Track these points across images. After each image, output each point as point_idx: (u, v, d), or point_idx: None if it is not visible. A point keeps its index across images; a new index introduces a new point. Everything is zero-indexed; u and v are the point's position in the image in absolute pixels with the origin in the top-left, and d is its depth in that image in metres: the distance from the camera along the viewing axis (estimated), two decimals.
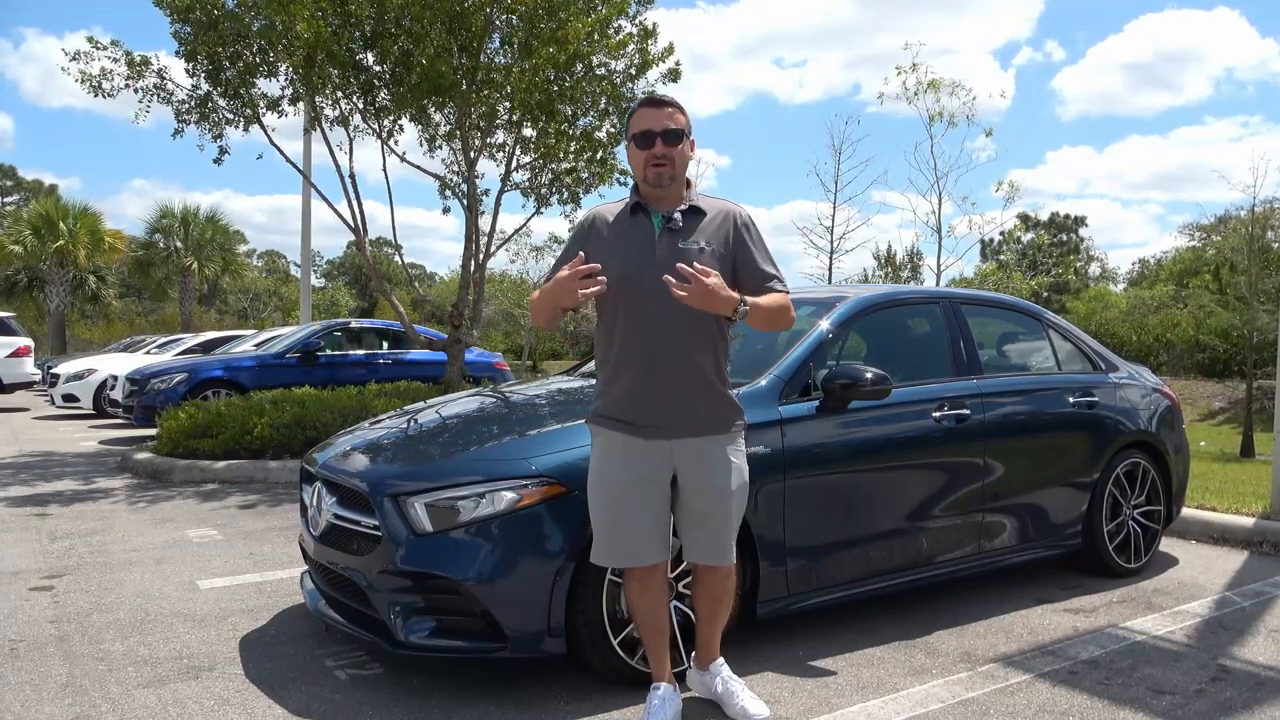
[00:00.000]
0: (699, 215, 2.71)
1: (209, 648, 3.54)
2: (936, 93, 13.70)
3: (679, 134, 2.65)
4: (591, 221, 2.80)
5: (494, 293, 28.18)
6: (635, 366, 2.67)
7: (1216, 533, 5.53)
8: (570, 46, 8.61)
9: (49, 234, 27.91)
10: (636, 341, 2.66)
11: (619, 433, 2.72)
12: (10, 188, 54.59)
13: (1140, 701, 3.10)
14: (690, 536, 2.80)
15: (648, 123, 2.65)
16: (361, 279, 55.91)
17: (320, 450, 3.83)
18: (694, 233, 2.68)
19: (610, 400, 2.74)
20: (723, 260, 2.68)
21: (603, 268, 2.58)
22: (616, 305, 2.69)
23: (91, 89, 8.84)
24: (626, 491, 2.71)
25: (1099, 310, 31.54)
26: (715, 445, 2.73)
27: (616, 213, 2.77)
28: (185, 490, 7.25)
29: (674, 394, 2.67)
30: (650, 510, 2.72)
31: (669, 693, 2.82)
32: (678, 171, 2.68)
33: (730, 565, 2.84)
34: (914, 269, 25.90)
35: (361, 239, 9.82)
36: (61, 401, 14.54)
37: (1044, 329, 4.93)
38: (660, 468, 2.71)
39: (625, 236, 2.71)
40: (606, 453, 2.76)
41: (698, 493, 2.73)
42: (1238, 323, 20.03)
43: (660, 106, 2.66)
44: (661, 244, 2.66)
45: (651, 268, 2.62)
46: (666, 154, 2.64)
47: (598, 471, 2.78)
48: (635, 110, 2.71)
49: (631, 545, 2.73)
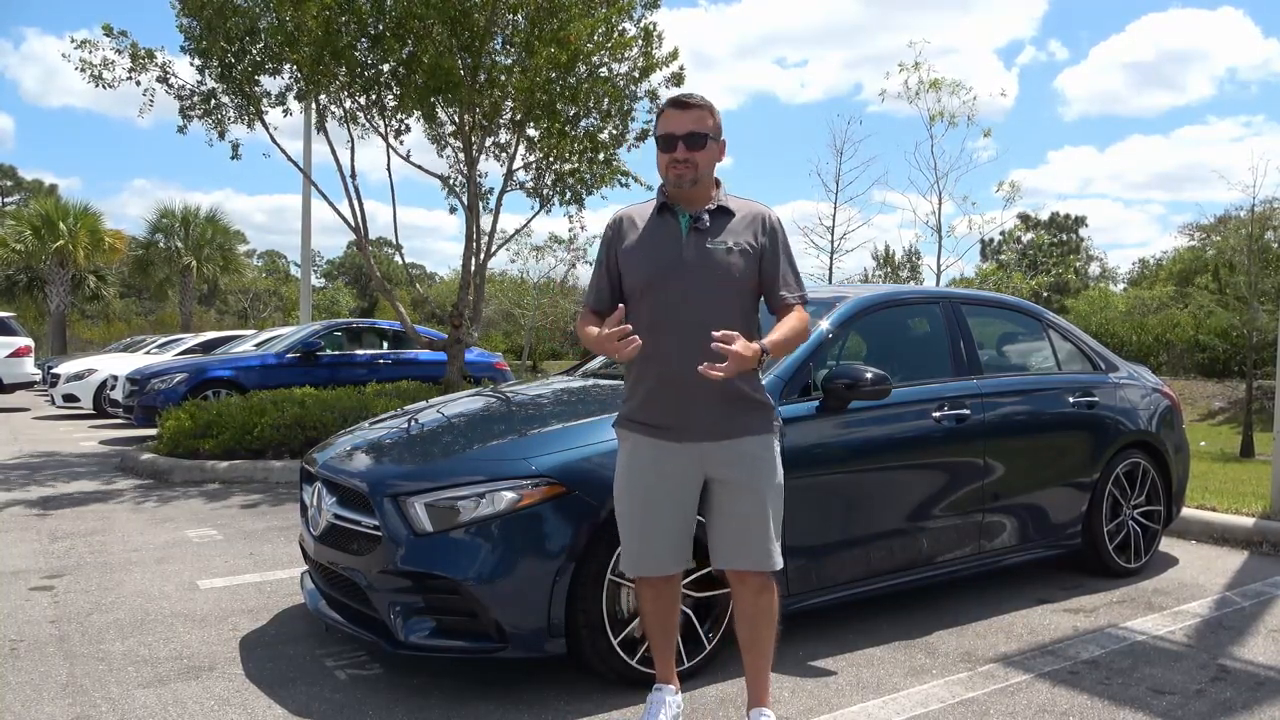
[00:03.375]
0: (727, 215, 2.66)
1: (209, 648, 3.54)
2: (937, 92, 13.71)
3: (703, 137, 2.59)
4: (619, 222, 2.75)
5: (494, 293, 28.16)
6: (663, 368, 2.60)
7: (1216, 533, 5.53)
8: (572, 47, 8.61)
9: (49, 234, 27.89)
10: (664, 343, 2.57)
11: (648, 436, 2.65)
12: (10, 188, 54.57)
13: (1140, 701, 3.11)
14: (727, 542, 2.64)
15: (671, 125, 2.59)
16: (361, 279, 55.91)
17: (320, 450, 3.83)
18: (722, 232, 2.63)
19: (638, 403, 2.68)
20: (749, 260, 2.63)
21: (629, 268, 2.64)
22: (643, 307, 2.63)
23: (92, 78, 8.83)
24: (654, 496, 2.64)
25: (1099, 310, 31.54)
26: (749, 446, 2.63)
27: (644, 212, 2.72)
28: (185, 490, 7.25)
29: (703, 396, 2.58)
30: (677, 517, 2.65)
31: (670, 694, 2.80)
32: (700, 174, 2.61)
33: (769, 571, 2.64)
34: (913, 269, 25.90)
35: (362, 239, 9.82)
36: (62, 401, 14.54)
37: (1044, 329, 4.93)
38: (691, 472, 2.63)
39: (652, 237, 2.66)
40: (634, 457, 2.68)
41: (734, 496, 2.62)
42: (1237, 323, 20.04)
43: (686, 109, 2.60)
44: (689, 244, 2.62)
45: (679, 268, 2.59)
46: (689, 158, 2.58)
47: (624, 476, 2.70)
48: (662, 111, 2.65)
49: (655, 553, 2.66)
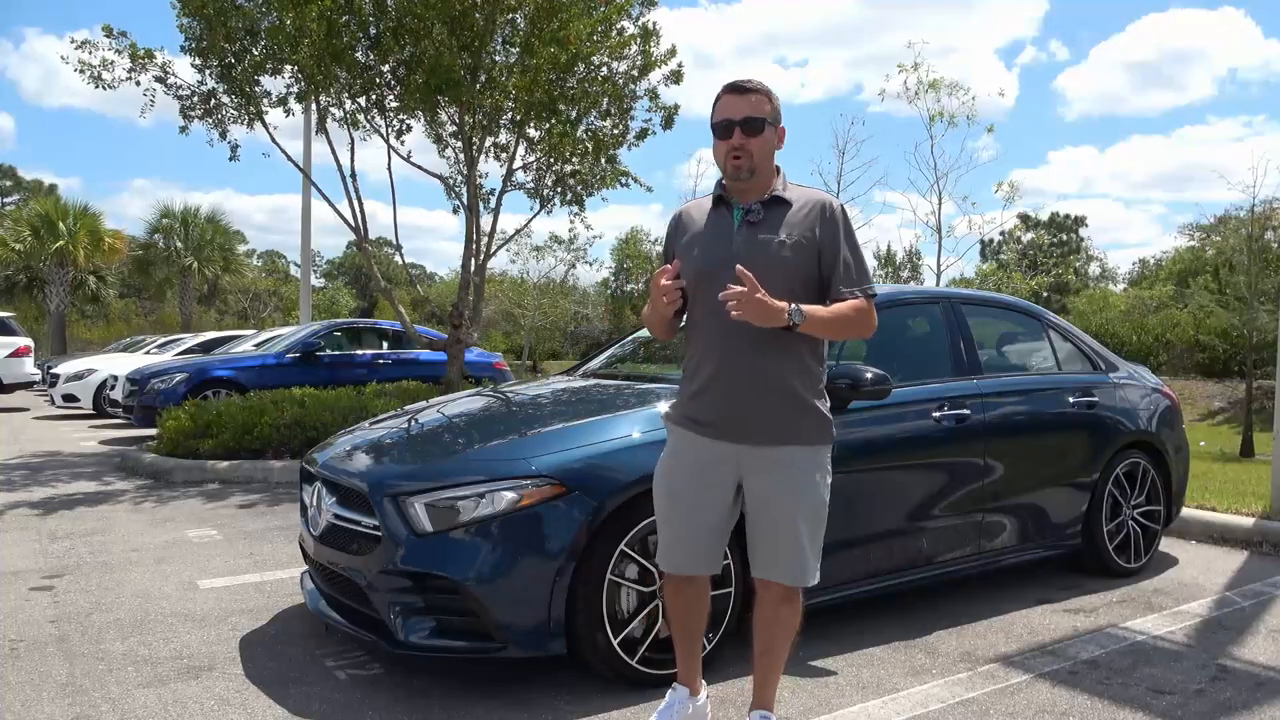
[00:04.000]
0: (783, 206, 2.54)
1: (209, 648, 3.54)
2: (937, 93, 13.73)
3: (761, 122, 2.48)
4: (678, 218, 2.71)
5: (494, 293, 28.18)
6: (710, 363, 2.54)
7: (1216, 533, 5.53)
8: (572, 47, 8.61)
9: (49, 234, 27.90)
10: (714, 339, 2.51)
11: (691, 432, 2.59)
12: (10, 188, 54.56)
13: (1140, 701, 3.11)
14: (758, 549, 2.58)
15: (728, 111, 2.49)
16: (361, 279, 55.91)
17: (320, 450, 3.83)
18: (776, 223, 2.52)
19: (685, 397, 2.62)
20: (806, 253, 2.50)
21: (685, 263, 2.54)
22: (697, 301, 2.56)
23: (92, 79, 8.83)
24: (686, 492, 2.59)
25: (1099, 310, 31.56)
26: (790, 456, 2.51)
27: (704, 206, 2.66)
28: (185, 490, 7.25)
29: (745, 395, 2.50)
30: (709, 518, 2.58)
31: (684, 697, 2.73)
32: (757, 163, 2.51)
33: (795, 587, 2.57)
34: (913, 269, 25.92)
35: (362, 239, 9.82)
36: (61, 401, 14.53)
37: (1044, 329, 4.93)
38: (724, 472, 2.56)
39: (707, 231, 2.59)
40: (674, 452, 2.65)
41: (765, 506, 2.53)
42: (1237, 323, 20.03)
43: (743, 93, 2.49)
44: (740, 236, 2.52)
45: (729, 261, 2.45)
46: (744, 144, 2.48)
47: (662, 469, 2.67)
48: (718, 97, 2.54)
49: (685, 551, 2.61)
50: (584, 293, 36.98)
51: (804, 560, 2.54)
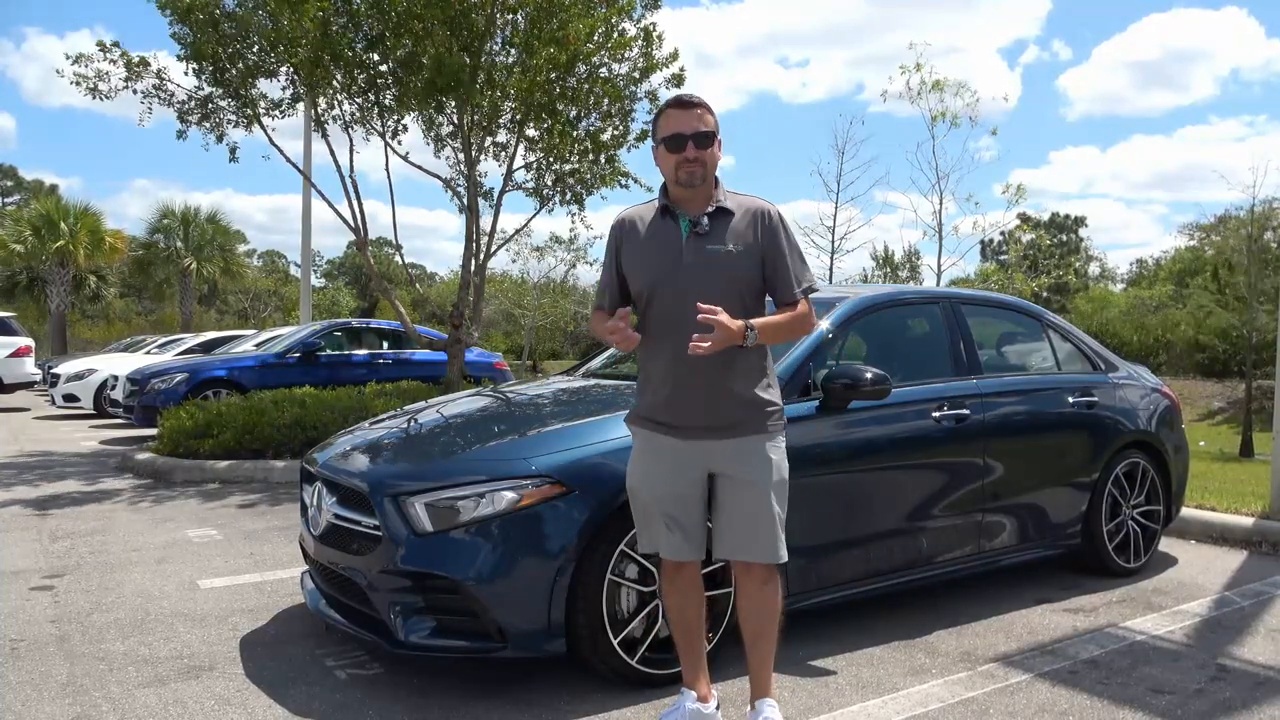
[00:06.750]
0: (727, 216, 2.67)
1: (209, 647, 3.55)
2: (941, 93, 13.72)
3: (710, 136, 2.62)
4: (622, 224, 2.78)
5: (494, 293, 28.17)
6: (666, 370, 2.65)
7: (1216, 533, 5.53)
8: (571, 47, 8.61)
9: (49, 234, 27.89)
10: (666, 345, 2.62)
11: (655, 433, 2.71)
12: (11, 188, 54.60)
13: (1140, 701, 3.11)
14: (733, 534, 2.66)
15: (679, 125, 2.61)
16: (361, 279, 55.90)
17: (320, 450, 3.84)
18: (722, 234, 2.65)
19: (645, 402, 2.74)
20: (751, 260, 2.65)
21: (633, 273, 2.69)
22: (648, 311, 2.69)
23: (88, 91, 8.85)
24: (663, 489, 2.68)
25: (1099, 310, 31.55)
26: (753, 444, 2.66)
27: (647, 214, 2.74)
28: (186, 490, 7.25)
29: (705, 396, 2.63)
30: (687, 509, 2.68)
31: (691, 702, 2.73)
32: (709, 173, 2.65)
33: (773, 564, 2.67)
34: (913, 269, 25.88)
35: (362, 239, 9.83)
36: (62, 401, 14.54)
37: (1044, 329, 4.93)
38: (697, 465, 2.68)
39: (654, 241, 2.69)
40: (643, 451, 2.75)
41: (739, 490, 2.65)
42: (1237, 323, 20.04)
43: (690, 108, 2.62)
44: (689, 248, 2.64)
45: (679, 273, 2.62)
46: (698, 156, 2.60)
47: (634, 467, 2.77)
48: (664, 112, 2.67)
49: (668, 538, 2.70)
50: (584, 293, 36.98)
51: (777, 538, 2.66)
